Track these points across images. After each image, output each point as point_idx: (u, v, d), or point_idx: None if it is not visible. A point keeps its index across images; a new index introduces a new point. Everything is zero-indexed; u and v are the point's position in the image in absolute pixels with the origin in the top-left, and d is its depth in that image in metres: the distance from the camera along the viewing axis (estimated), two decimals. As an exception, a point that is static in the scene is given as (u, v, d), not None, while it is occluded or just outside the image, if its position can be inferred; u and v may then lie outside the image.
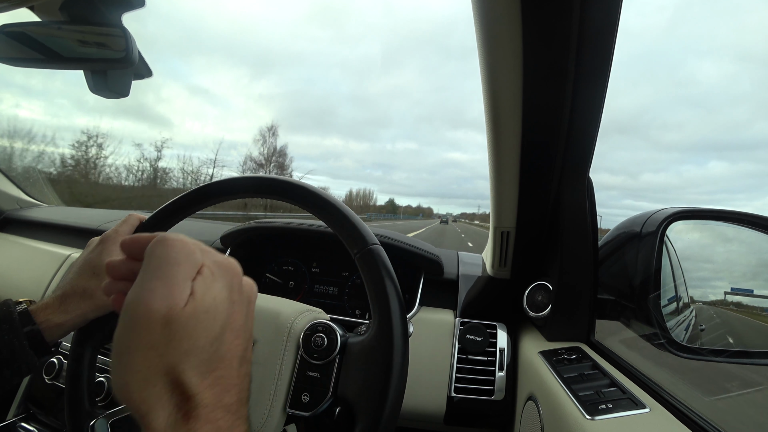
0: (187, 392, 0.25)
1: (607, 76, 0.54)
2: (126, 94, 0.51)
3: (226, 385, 0.26)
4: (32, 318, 0.46)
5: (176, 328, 0.25)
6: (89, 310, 0.49)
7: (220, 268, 0.29)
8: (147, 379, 0.24)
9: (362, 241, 0.46)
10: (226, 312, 0.28)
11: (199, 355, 0.26)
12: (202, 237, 1.13)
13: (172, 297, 0.25)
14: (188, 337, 0.25)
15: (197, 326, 0.26)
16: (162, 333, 0.24)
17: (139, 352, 0.24)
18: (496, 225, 0.79)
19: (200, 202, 0.54)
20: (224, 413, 0.26)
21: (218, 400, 0.26)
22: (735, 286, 0.74)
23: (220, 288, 0.28)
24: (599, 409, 0.50)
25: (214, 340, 0.26)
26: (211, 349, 0.26)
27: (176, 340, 0.25)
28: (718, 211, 0.72)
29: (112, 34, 0.46)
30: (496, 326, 0.82)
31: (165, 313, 0.25)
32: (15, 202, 1.55)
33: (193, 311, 0.26)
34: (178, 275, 0.26)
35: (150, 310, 0.24)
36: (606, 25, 0.49)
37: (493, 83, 0.55)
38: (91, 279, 0.49)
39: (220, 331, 0.27)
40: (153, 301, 0.25)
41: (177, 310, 0.25)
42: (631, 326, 0.71)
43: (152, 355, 0.24)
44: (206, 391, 0.25)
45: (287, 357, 0.47)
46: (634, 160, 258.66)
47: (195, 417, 0.24)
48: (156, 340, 0.24)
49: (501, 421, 0.76)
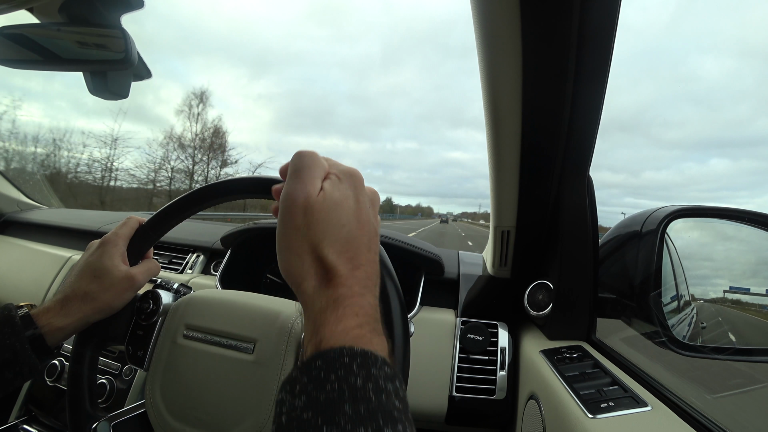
0: (327, 265, 0.32)
1: (606, 75, 0.54)
2: (125, 96, 0.51)
3: (356, 263, 0.33)
4: (34, 322, 0.46)
5: (312, 214, 0.32)
6: (91, 313, 0.49)
7: (344, 174, 0.36)
8: (298, 255, 0.33)
9: None
10: (352, 206, 0.34)
11: (332, 237, 0.32)
12: (202, 237, 1.14)
13: (306, 190, 0.33)
14: (322, 221, 0.32)
15: (329, 214, 0.33)
16: (303, 217, 0.32)
17: (289, 233, 0.33)
18: (497, 224, 0.79)
19: (200, 203, 0.54)
20: (356, 282, 0.32)
21: (351, 274, 0.32)
22: (735, 283, 0.74)
23: (345, 188, 0.35)
24: (601, 407, 0.50)
25: (342, 226, 0.33)
26: (341, 233, 0.33)
27: (314, 223, 0.32)
28: (718, 209, 0.72)
29: (111, 35, 0.45)
30: (497, 325, 0.82)
31: (302, 201, 0.33)
32: (15, 204, 1.55)
33: (323, 201, 0.33)
34: (310, 175, 0.34)
35: (292, 200, 0.33)
36: (605, 24, 0.49)
37: (493, 83, 0.55)
38: (91, 282, 0.49)
39: (347, 220, 0.33)
40: (293, 194, 0.33)
41: (311, 200, 0.33)
42: (632, 324, 0.71)
43: (298, 235, 0.33)
44: (341, 266, 0.32)
45: (288, 357, 0.47)
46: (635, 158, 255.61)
47: (334, 284, 0.32)
48: (299, 222, 0.33)
49: (502, 421, 0.76)
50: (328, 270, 0.32)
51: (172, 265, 1.11)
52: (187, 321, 0.51)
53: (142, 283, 0.52)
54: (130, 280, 0.50)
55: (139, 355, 0.52)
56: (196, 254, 1.11)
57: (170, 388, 0.49)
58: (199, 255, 1.11)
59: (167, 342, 0.51)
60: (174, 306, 0.54)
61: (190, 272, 1.08)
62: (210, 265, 1.09)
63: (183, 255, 1.12)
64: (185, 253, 1.13)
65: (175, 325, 0.52)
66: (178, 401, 0.48)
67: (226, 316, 0.51)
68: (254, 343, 0.48)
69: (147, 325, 0.53)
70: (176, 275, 1.07)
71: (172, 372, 0.49)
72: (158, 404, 0.49)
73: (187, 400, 0.48)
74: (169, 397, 0.48)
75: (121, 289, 0.50)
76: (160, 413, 0.48)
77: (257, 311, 0.51)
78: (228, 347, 0.49)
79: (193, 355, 0.49)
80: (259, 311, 0.51)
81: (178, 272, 1.08)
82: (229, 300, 0.53)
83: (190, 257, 1.11)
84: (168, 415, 0.48)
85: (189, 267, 1.09)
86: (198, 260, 1.10)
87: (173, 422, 0.47)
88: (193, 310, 0.52)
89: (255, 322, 0.50)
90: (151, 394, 0.49)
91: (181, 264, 1.10)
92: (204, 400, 0.47)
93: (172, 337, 0.51)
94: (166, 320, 0.53)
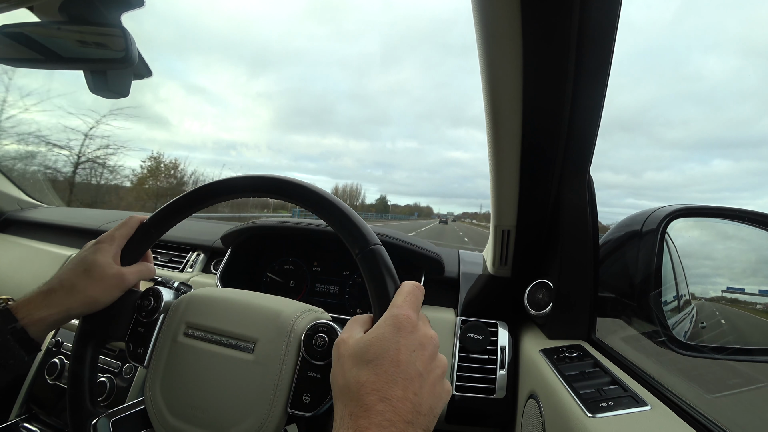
0: (352, 394, 0.35)
1: (607, 75, 0.54)
2: (126, 94, 0.51)
3: (381, 396, 0.34)
4: (13, 315, 0.47)
5: (347, 347, 0.39)
6: (74, 306, 0.49)
7: (395, 325, 0.39)
8: (335, 381, 0.39)
9: (363, 241, 0.46)
10: (389, 346, 0.37)
11: (362, 370, 0.36)
12: (203, 236, 1.14)
13: (351, 333, 0.41)
14: (353, 357, 0.38)
15: (363, 352, 0.37)
16: (338, 350, 0.40)
17: (334, 362, 0.40)
18: (497, 223, 0.79)
19: (200, 202, 0.54)
20: (376, 415, 0.34)
21: (373, 406, 0.34)
22: (735, 282, 0.74)
23: (389, 334, 0.39)
24: (600, 406, 0.50)
25: (369, 361, 0.37)
26: (371, 367, 0.36)
27: (347, 352, 0.38)
28: (718, 209, 0.72)
29: (111, 34, 0.46)
30: (497, 324, 0.82)
31: (342, 341, 0.40)
32: (16, 203, 1.55)
33: (359, 339, 0.39)
34: (352, 326, 0.42)
35: (338, 341, 0.41)
36: (606, 23, 0.49)
37: (493, 82, 0.55)
38: (80, 275, 0.49)
39: (375, 355, 0.37)
40: (340, 337, 0.41)
41: (351, 339, 0.40)
42: (632, 324, 0.71)
43: (338, 364, 0.39)
44: (365, 396, 0.34)
45: (288, 357, 0.47)
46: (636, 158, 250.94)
47: (356, 415, 0.34)
48: (337, 353, 0.40)
49: (502, 420, 0.76)
50: (353, 397, 0.35)
51: (172, 263, 1.11)
52: (188, 319, 0.51)
53: (131, 282, 0.53)
54: (120, 278, 0.51)
55: (140, 352, 0.52)
56: (197, 253, 1.11)
57: (170, 386, 0.49)
58: (199, 254, 1.11)
59: (168, 340, 0.51)
60: (175, 304, 0.54)
61: (190, 271, 1.08)
62: (210, 263, 1.09)
63: (183, 253, 1.13)
64: (186, 252, 1.13)
65: (175, 323, 0.52)
66: (178, 399, 0.48)
67: (226, 315, 0.51)
68: (254, 342, 0.48)
69: (148, 323, 0.53)
70: (177, 274, 1.07)
71: (173, 370, 0.50)
72: (158, 402, 0.49)
73: (186, 398, 0.48)
74: (169, 394, 0.49)
75: (108, 285, 0.50)
76: (160, 411, 0.48)
77: (258, 310, 0.51)
78: (228, 346, 0.49)
79: (194, 354, 0.49)
80: (260, 310, 0.51)
81: (178, 271, 1.08)
82: (230, 299, 0.53)
83: (190, 256, 1.11)
84: (168, 412, 0.48)
85: (189, 265, 1.09)
86: (198, 259, 1.10)
87: (173, 420, 0.47)
88: (194, 308, 0.52)
89: (255, 322, 0.50)
90: (151, 392, 0.50)
91: (182, 262, 1.10)
92: (204, 399, 0.47)
93: (172, 335, 0.51)
94: (167, 318, 0.53)
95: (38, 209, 1.56)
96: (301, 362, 0.47)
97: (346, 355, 0.38)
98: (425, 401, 0.36)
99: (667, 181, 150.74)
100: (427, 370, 0.38)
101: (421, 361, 0.37)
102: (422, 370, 0.37)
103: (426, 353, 0.38)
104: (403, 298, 0.42)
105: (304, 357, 0.47)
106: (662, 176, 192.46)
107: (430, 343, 0.39)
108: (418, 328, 0.39)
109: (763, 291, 0.71)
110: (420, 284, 0.44)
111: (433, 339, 0.40)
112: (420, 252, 0.91)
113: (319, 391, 0.46)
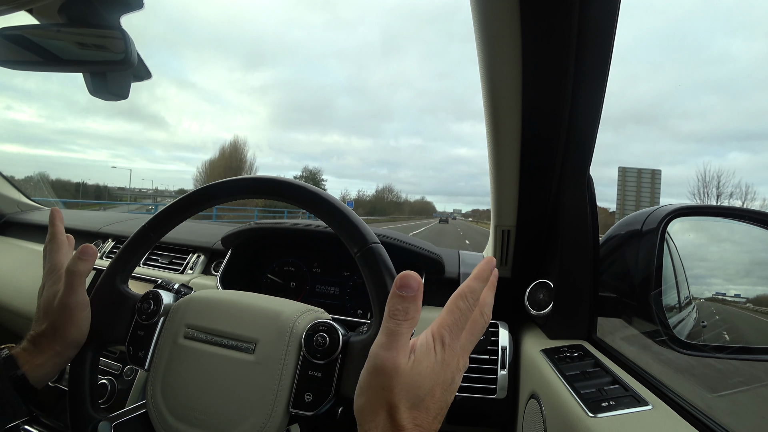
0: (397, 423, 0.34)
1: (606, 74, 0.54)
2: (125, 96, 0.51)
3: (417, 423, 0.35)
4: (16, 362, 0.47)
5: (398, 380, 0.35)
6: (62, 348, 0.49)
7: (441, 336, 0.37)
8: (374, 410, 0.35)
9: (362, 240, 0.46)
10: (436, 374, 0.36)
11: (410, 401, 0.35)
12: (203, 237, 1.14)
13: (396, 360, 0.35)
14: (405, 387, 0.35)
15: (413, 380, 0.35)
16: (388, 382, 0.35)
17: (372, 388, 0.35)
18: (497, 223, 0.79)
19: (201, 203, 0.54)
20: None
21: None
22: (730, 282, 0.75)
23: (433, 356, 0.37)
24: (602, 406, 0.50)
25: (418, 390, 0.35)
26: (417, 398, 0.35)
27: (396, 387, 0.35)
28: (719, 208, 0.72)
29: (110, 36, 0.46)
30: (498, 325, 0.82)
31: (391, 370, 0.35)
32: (16, 205, 1.55)
33: (410, 370, 0.35)
34: (403, 342, 0.36)
35: (382, 366, 0.35)
36: (605, 23, 0.49)
37: (493, 82, 0.55)
38: (51, 315, 0.49)
39: (426, 390, 0.35)
40: (384, 360, 0.35)
41: (400, 369, 0.35)
42: (632, 323, 0.71)
43: (381, 394, 0.35)
44: (409, 425, 0.34)
45: (289, 357, 0.47)
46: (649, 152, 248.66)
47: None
48: (384, 385, 0.35)
49: (503, 420, 0.76)
50: (396, 427, 0.34)
51: (172, 265, 1.11)
52: (188, 321, 0.51)
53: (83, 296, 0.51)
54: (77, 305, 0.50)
55: (140, 355, 0.52)
56: (197, 254, 1.11)
57: (171, 389, 0.49)
58: (199, 255, 1.11)
59: (168, 342, 0.51)
60: (175, 306, 0.54)
61: (190, 272, 1.08)
62: (210, 265, 1.09)
63: (183, 255, 1.13)
64: (186, 254, 1.13)
65: (175, 326, 0.52)
66: (179, 401, 0.48)
67: (227, 316, 0.51)
68: (255, 343, 0.48)
69: (148, 326, 0.53)
70: (177, 276, 1.07)
71: (173, 372, 0.49)
72: (159, 404, 0.49)
73: (188, 400, 0.48)
74: (170, 397, 0.49)
75: (78, 318, 0.50)
76: (161, 413, 0.48)
77: (258, 311, 0.51)
78: (229, 347, 0.49)
79: (194, 356, 0.49)
80: (260, 311, 0.51)
81: (178, 273, 1.08)
82: (230, 300, 0.53)
83: (190, 257, 1.11)
84: (169, 415, 0.48)
85: (189, 267, 1.09)
86: (198, 260, 1.10)
87: (174, 422, 0.47)
88: (194, 310, 0.52)
89: (256, 323, 0.50)
90: (152, 395, 0.50)
91: (182, 264, 1.10)
92: (205, 400, 0.47)
93: (173, 337, 0.51)
94: (167, 320, 0.53)
95: (38, 211, 1.56)
96: (302, 362, 0.47)
97: (399, 387, 0.35)
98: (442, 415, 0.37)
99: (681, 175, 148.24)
100: (450, 398, 0.38)
101: (450, 393, 0.38)
102: (449, 400, 0.38)
103: (454, 386, 0.38)
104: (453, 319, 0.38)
105: (305, 356, 0.47)
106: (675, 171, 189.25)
107: (459, 375, 0.39)
108: (456, 358, 0.38)
109: (737, 295, 0.74)
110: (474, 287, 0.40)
111: (462, 371, 0.40)
112: (420, 252, 0.91)
113: (320, 390, 0.46)
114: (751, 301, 0.72)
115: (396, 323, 0.36)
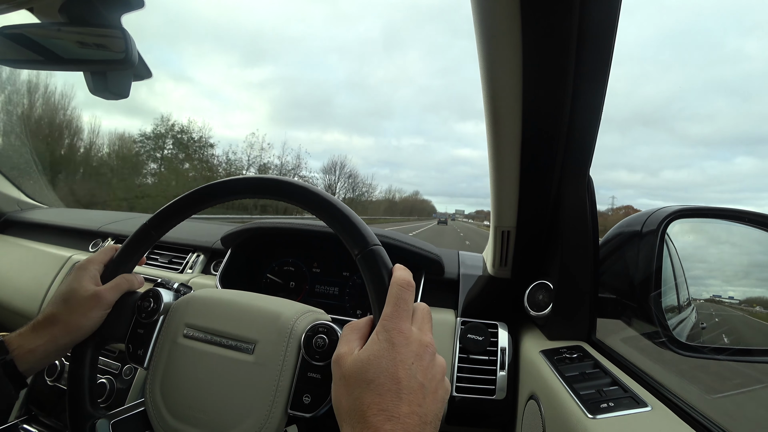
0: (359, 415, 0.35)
1: (607, 75, 0.54)
2: (126, 95, 0.51)
3: (389, 415, 0.35)
4: (6, 347, 0.48)
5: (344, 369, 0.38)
6: (59, 335, 0.50)
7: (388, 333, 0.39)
8: (340, 402, 0.38)
9: (363, 242, 0.46)
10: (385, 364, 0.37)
11: (364, 390, 0.36)
12: (203, 237, 1.14)
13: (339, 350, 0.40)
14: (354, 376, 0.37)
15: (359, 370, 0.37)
16: (339, 371, 0.39)
17: (336, 381, 0.40)
18: (497, 224, 0.79)
19: (201, 203, 0.54)
20: None
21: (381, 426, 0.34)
22: (728, 284, 0.76)
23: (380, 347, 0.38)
24: (601, 407, 0.50)
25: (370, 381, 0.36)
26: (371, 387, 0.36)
27: (347, 377, 0.38)
28: (719, 209, 0.72)
29: (111, 35, 0.46)
30: (497, 325, 0.82)
31: (335, 358, 0.40)
32: (16, 203, 1.55)
33: (354, 361, 0.38)
34: (350, 337, 0.42)
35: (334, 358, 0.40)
36: (606, 22, 0.49)
37: (493, 82, 0.55)
38: (60, 306, 0.51)
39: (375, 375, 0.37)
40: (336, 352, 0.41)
41: (344, 356, 0.39)
42: (632, 325, 0.71)
43: (340, 384, 0.38)
44: (372, 417, 0.34)
45: (288, 358, 0.47)
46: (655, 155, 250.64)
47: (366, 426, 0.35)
48: (338, 375, 0.39)
49: (502, 421, 0.76)
50: (360, 419, 0.35)
51: (172, 264, 1.11)
52: (188, 320, 0.51)
53: (110, 299, 0.53)
54: (96, 299, 0.51)
55: (140, 353, 0.52)
56: (197, 254, 1.11)
57: (170, 388, 0.49)
58: (199, 255, 1.11)
59: (167, 341, 0.51)
60: (174, 305, 0.54)
61: (190, 272, 1.08)
62: (210, 264, 1.09)
63: (183, 255, 1.13)
64: (185, 253, 1.13)
65: (175, 325, 0.52)
66: (178, 400, 0.48)
67: (226, 316, 0.51)
68: (254, 343, 0.48)
69: (147, 324, 0.53)
70: (176, 275, 1.07)
71: (173, 371, 0.49)
72: (158, 403, 0.49)
73: (186, 399, 0.48)
74: (169, 396, 0.49)
75: (87, 308, 0.51)
76: (160, 412, 0.48)
77: (258, 311, 0.51)
78: (228, 347, 0.49)
79: (194, 355, 0.49)
80: (260, 311, 0.51)
81: (178, 272, 1.08)
82: (230, 300, 0.53)
83: (190, 257, 1.11)
84: (168, 414, 0.48)
85: (189, 267, 1.09)
86: (198, 260, 1.10)
87: (173, 421, 0.47)
88: (194, 309, 0.52)
89: (255, 323, 0.50)
90: (150, 393, 0.50)
91: (182, 264, 1.10)
92: (204, 400, 0.47)
93: (172, 336, 0.51)
94: (167, 319, 0.53)
95: (38, 210, 1.56)
96: (301, 363, 0.47)
97: (347, 375, 0.38)
98: (430, 410, 0.36)
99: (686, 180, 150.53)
100: (427, 379, 0.38)
101: (421, 371, 0.37)
102: (423, 380, 0.37)
103: (424, 363, 0.38)
104: (392, 308, 0.40)
105: (304, 358, 0.47)
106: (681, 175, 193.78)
107: (426, 351, 0.39)
108: (411, 338, 0.39)
109: (731, 297, 0.75)
110: (409, 280, 0.42)
111: (428, 347, 0.40)
112: (420, 253, 0.91)
113: (319, 392, 0.46)
114: (743, 303, 0.73)
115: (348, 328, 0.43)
